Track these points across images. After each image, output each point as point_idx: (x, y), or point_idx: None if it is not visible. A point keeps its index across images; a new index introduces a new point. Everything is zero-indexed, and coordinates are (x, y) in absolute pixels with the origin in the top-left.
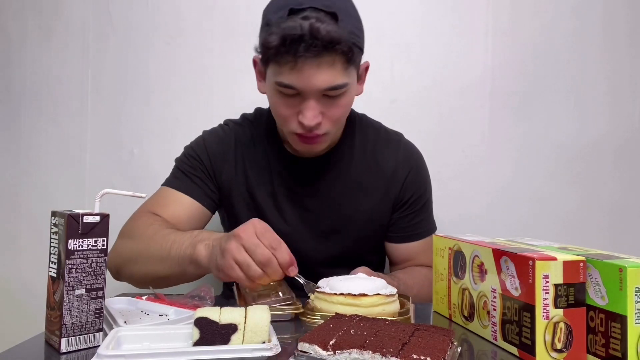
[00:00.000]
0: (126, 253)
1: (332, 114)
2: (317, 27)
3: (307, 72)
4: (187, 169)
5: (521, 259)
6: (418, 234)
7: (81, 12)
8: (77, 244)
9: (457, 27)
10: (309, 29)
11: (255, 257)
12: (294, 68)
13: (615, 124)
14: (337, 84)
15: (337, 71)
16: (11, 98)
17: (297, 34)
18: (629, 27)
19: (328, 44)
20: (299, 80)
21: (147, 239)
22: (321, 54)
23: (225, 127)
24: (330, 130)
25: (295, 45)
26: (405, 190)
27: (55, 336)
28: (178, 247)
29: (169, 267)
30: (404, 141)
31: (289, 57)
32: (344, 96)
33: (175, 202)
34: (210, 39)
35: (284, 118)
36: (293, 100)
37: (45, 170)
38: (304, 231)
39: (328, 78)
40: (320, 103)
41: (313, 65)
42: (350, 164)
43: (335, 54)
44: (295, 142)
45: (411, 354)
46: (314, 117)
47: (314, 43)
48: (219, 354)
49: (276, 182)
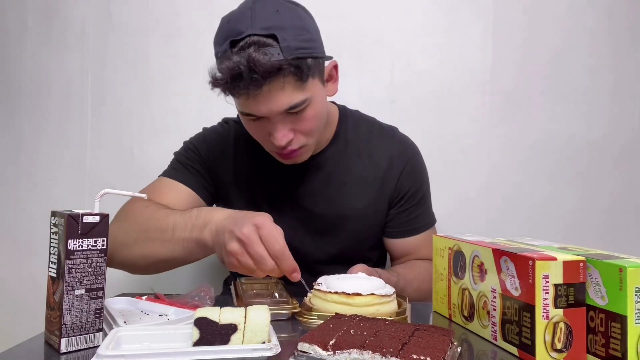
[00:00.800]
0: (121, 237)
1: (302, 128)
2: (255, 58)
3: (260, 100)
4: (185, 160)
5: (521, 259)
6: (417, 228)
7: (81, 12)
8: (77, 244)
9: (457, 27)
10: (246, 63)
11: (259, 266)
12: (248, 99)
13: (615, 124)
14: (294, 104)
15: (289, 92)
16: (11, 98)
17: (236, 72)
18: (630, 27)
19: (268, 73)
20: (256, 109)
21: (144, 221)
22: (265, 83)
23: (224, 125)
24: (307, 142)
25: (239, 82)
26: (402, 184)
27: (55, 336)
28: (182, 229)
29: (171, 250)
30: (399, 134)
31: (240, 90)
32: (308, 109)
33: (171, 190)
34: (210, 39)
35: (259, 140)
36: (261, 123)
37: (45, 170)
38: (301, 229)
39: (283, 101)
40: (287, 121)
41: (264, 92)
42: (345, 160)
43: (282, 77)
44: (278, 158)
45: (411, 354)
46: (283, 137)
47: (253, 77)
48: (219, 354)
49: (272, 180)
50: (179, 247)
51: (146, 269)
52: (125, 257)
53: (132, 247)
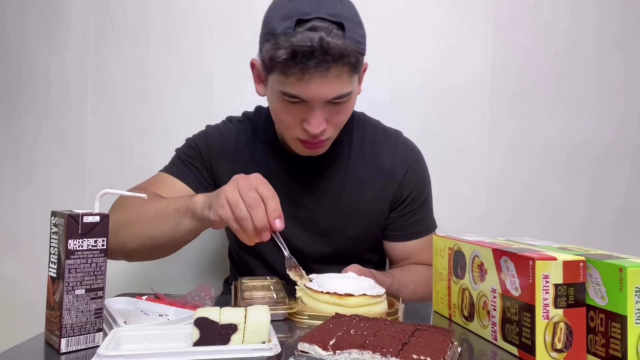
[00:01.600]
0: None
1: (336, 120)
2: (327, 41)
3: (314, 84)
4: (185, 157)
5: (521, 259)
6: (417, 233)
7: (81, 12)
8: (77, 244)
9: (457, 27)
10: (319, 43)
11: (245, 198)
12: (301, 80)
13: (615, 124)
14: (343, 93)
15: (343, 81)
16: (11, 98)
17: (307, 49)
18: (630, 26)
19: (338, 58)
20: (306, 92)
21: (140, 205)
22: (330, 67)
23: (227, 124)
24: (333, 134)
25: (306, 60)
26: (404, 187)
27: (55, 336)
28: (175, 202)
29: (163, 223)
30: (403, 139)
31: (297, 69)
32: (348, 102)
33: (168, 185)
34: (210, 38)
35: (287, 125)
36: (298, 107)
37: (45, 170)
38: (302, 229)
39: (335, 89)
40: (325, 111)
41: (321, 77)
42: (348, 162)
43: (342, 66)
44: (297, 147)
45: (411, 354)
46: (319, 125)
47: (324, 58)
48: (219, 354)
49: (274, 179)
50: (170, 218)
51: (139, 250)
52: (120, 241)
53: (125, 228)
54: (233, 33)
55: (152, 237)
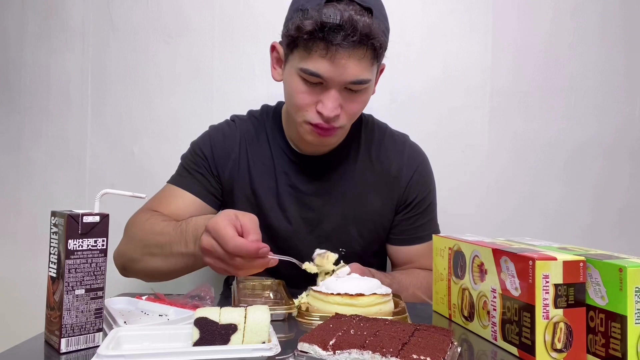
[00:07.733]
0: (129, 253)
1: (350, 108)
2: (356, 19)
3: (337, 61)
4: (191, 165)
5: (521, 259)
6: (420, 237)
7: (81, 12)
8: (76, 244)
9: (457, 27)
10: (348, 18)
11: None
12: (325, 56)
13: (617, 124)
14: (362, 78)
15: (365, 65)
16: (11, 98)
17: (336, 22)
18: (631, 26)
19: (364, 37)
20: (327, 69)
21: (145, 235)
22: (356, 45)
23: (231, 124)
24: (346, 125)
25: (333, 33)
26: (409, 191)
27: (55, 336)
28: (177, 243)
29: (174, 264)
30: (410, 143)
31: (321, 44)
32: (364, 92)
33: (177, 198)
34: (210, 38)
35: (301, 106)
36: (314, 89)
37: (45, 170)
38: (306, 230)
39: (356, 71)
40: (342, 96)
41: (345, 55)
42: (355, 164)
43: (366, 48)
44: (307, 133)
45: (411, 354)
46: (334, 109)
47: (352, 34)
48: (219, 354)
49: (280, 180)
50: (180, 261)
51: (159, 279)
52: (137, 271)
53: (140, 262)
54: (233, 33)
55: (166, 272)
